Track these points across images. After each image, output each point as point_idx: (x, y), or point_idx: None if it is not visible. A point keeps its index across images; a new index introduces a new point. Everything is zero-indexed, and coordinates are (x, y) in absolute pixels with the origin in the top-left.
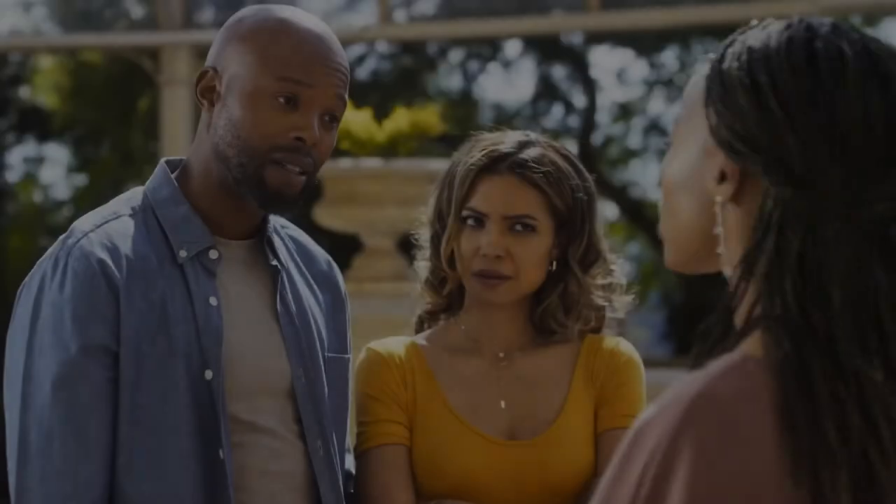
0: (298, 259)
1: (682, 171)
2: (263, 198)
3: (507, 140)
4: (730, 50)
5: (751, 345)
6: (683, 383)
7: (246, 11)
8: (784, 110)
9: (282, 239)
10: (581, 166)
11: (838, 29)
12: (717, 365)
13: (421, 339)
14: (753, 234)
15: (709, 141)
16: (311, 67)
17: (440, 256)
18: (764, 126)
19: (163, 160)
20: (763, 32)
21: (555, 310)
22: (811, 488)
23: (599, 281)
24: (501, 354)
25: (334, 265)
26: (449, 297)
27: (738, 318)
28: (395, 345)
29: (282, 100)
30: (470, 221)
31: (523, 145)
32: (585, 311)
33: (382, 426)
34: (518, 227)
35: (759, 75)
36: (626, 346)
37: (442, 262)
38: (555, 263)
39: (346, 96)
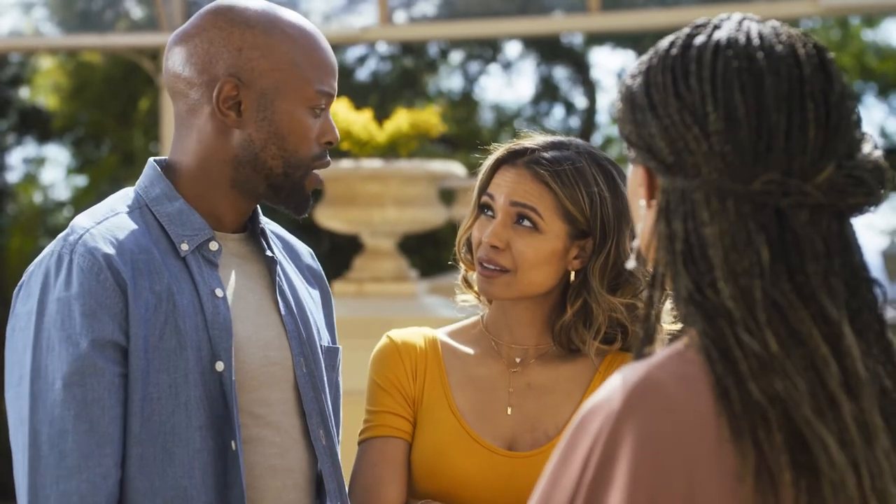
0: (285, 253)
1: (629, 185)
2: (303, 202)
3: (538, 139)
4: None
5: (693, 333)
6: (626, 371)
7: (241, 13)
8: (650, 102)
9: (268, 234)
10: (621, 184)
11: (747, 23)
12: (660, 354)
13: (444, 333)
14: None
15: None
16: (334, 77)
17: (463, 252)
18: (635, 120)
19: (151, 159)
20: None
21: (573, 324)
22: (753, 452)
23: (625, 300)
24: (518, 359)
25: (315, 258)
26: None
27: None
28: (414, 336)
29: (318, 110)
30: (485, 210)
31: (551, 146)
32: (609, 331)
33: (385, 417)
34: (523, 222)
35: (636, 78)
36: None
37: (459, 252)
38: (573, 274)
39: None
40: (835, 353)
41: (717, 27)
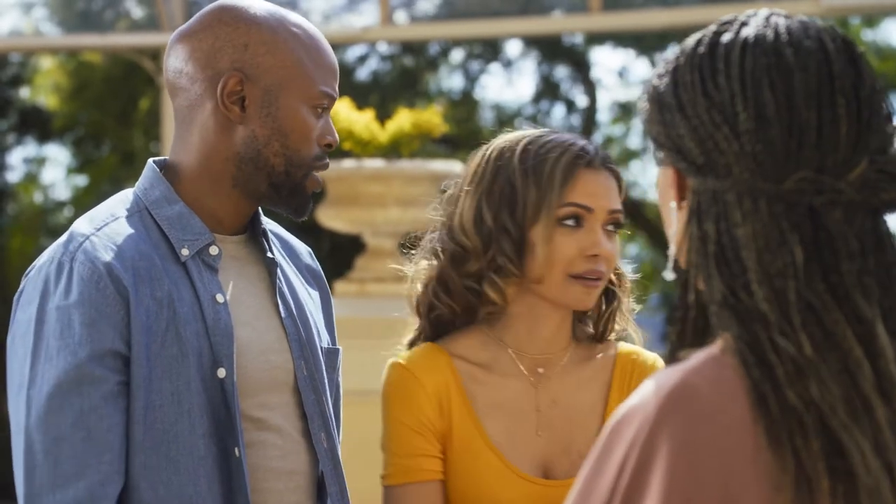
0: (284, 253)
1: (658, 186)
2: (303, 203)
3: (573, 134)
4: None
5: (728, 338)
6: (662, 376)
7: (247, 10)
8: (678, 102)
9: (268, 235)
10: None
11: (774, 19)
12: (695, 358)
13: (455, 352)
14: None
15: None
16: (336, 80)
17: (517, 263)
18: (663, 121)
19: (150, 160)
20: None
21: (613, 315)
22: (792, 459)
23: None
24: (541, 370)
25: (314, 257)
26: (460, 304)
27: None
28: (428, 364)
29: (320, 110)
30: (569, 221)
31: (587, 140)
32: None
33: (420, 461)
34: (610, 227)
35: (662, 78)
36: (661, 365)
37: (519, 269)
38: None
39: None
40: (868, 354)
41: (744, 24)
